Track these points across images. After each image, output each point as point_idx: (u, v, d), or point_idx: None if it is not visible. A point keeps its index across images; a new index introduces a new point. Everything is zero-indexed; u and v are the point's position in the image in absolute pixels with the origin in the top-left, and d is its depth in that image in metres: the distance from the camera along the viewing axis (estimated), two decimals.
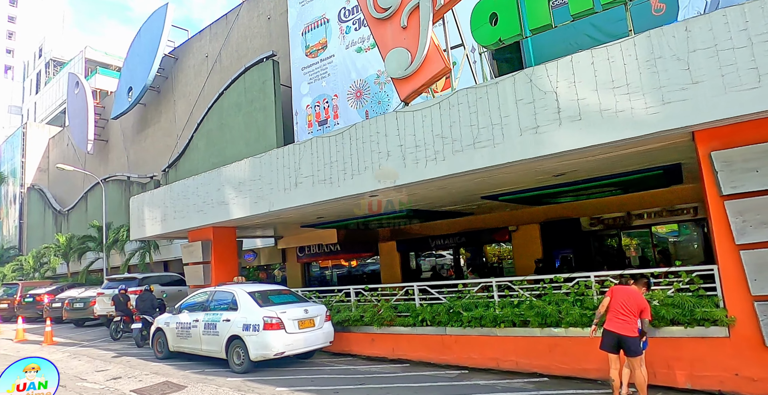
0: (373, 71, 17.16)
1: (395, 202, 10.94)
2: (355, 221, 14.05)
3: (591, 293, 7.56)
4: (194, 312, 9.61)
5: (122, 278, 15.75)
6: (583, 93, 6.89)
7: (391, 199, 10.40)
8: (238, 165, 11.07)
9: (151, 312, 12.08)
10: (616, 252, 15.77)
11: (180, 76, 27.61)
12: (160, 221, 13.11)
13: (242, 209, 10.86)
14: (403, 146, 8.39)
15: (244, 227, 13.24)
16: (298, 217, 12.04)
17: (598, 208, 14.93)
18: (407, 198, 10.48)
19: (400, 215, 13.38)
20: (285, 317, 8.33)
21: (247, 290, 9.03)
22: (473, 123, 7.70)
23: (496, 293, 8.38)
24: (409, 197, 10.38)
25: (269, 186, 10.30)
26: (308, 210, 10.73)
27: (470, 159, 7.69)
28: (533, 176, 9.10)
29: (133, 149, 30.19)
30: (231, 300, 8.97)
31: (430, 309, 8.75)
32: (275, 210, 10.20)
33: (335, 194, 9.19)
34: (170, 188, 13.00)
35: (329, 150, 9.35)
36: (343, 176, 9.07)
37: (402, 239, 18.78)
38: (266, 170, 10.38)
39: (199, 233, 12.75)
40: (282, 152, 10.14)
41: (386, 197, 9.88)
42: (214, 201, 11.54)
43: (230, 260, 12.98)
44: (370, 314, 9.29)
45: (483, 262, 17.86)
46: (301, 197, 9.71)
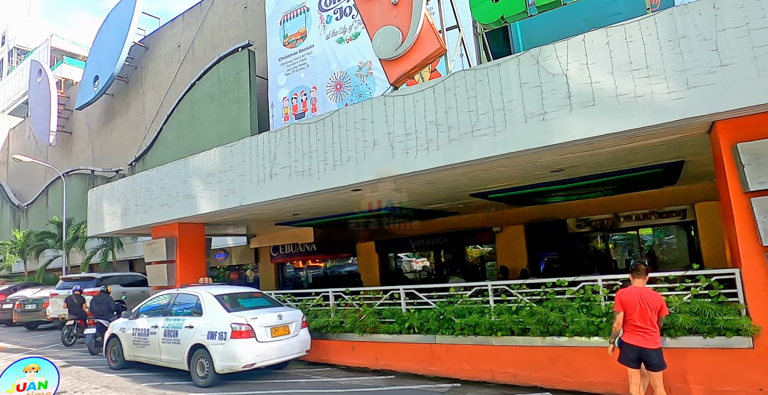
0: (355, 63, 16.25)
1: (378, 199, 10.07)
2: (333, 220, 13.11)
3: (599, 298, 6.80)
4: (153, 316, 8.53)
5: (79, 277, 14.42)
6: (597, 76, 6.13)
7: (375, 195, 9.52)
8: (206, 155, 10.03)
9: (107, 316, 10.90)
10: (602, 255, 15.22)
11: (150, 66, 26.19)
12: (120, 216, 11.92)
13: (211, 204, 9.82)
14: (391, 134, 7.52)
15: (213, 223, 12.16)
16: (273, 213, 11.05)
17: (585, 209, 14.35)
18: (392, 195, 9.61)
19: (382, 213, 12.50)
20: (256, 323, 7.34)
21: (214, 292, 8.00)
22: (471, 109, 6.88)
23: (491, 298, 7.57)
24: (394, 194, 9.52)
25: (241, 178, 9.29)
26: (284, 205, 9.77)
27: (468, 149, 6.86)
28: (531, 171, 8.34)
29: (99, 142, 28.55)
30: (195, 303, 7.93)
31: (418, 315, 7.88)
32: (247, 205, 9.20)
33: (315, 187, 8.25)
34: (132, 180, 11.83)
35: (309, 138, 8.41)
36: (324, 167, 8.14)
37: (381, 240, 17.90)
38: (238, 160, 9.37)
39: (164, 229, 11.63)
40: (256, 140, 9.15)
41: (370, 193, 8.98)
42: (180, 194, 10.45)
43: (197, 259, 11.88)
44: (351, 320, 8.38)
45: (464, 264, 17.11)
46: (276, 190, 8.74)
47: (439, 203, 12.10)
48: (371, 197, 9.79)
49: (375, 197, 9.84)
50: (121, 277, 15.22)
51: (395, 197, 10.12)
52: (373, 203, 10.80)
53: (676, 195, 12.84)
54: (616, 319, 5.12)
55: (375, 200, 10.28)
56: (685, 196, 12.82)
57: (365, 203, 10.64)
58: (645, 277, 5.31)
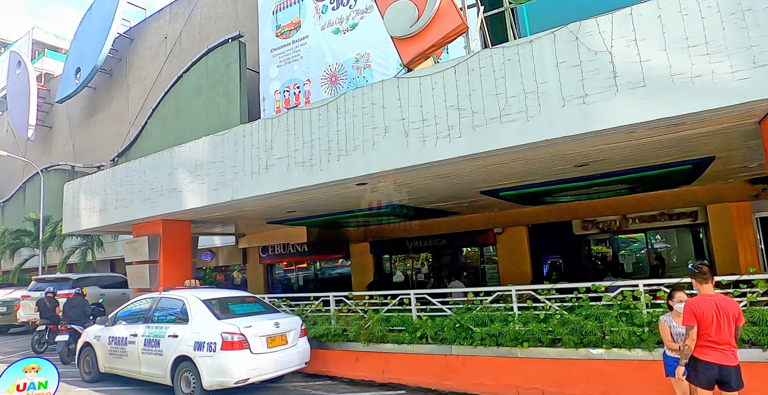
0: (352, 55, 15.35)
1: (381, 195, 9.18)
2: (329, 219, 12.19)
3: (640, 305, 6.00)
4: (133, 323, 7.51)
5: (53, 278, 13.26)
6: (648, 53, 5.33)
7: (379, 191, 8.63)
8: (194, 145, 9.04)
9: (82, 321, 9.82)
10: (608, 257, 14.52)
11: (135, 59, 24.98)
12: (98, 211, 10.85)
13: (199, 198, 8.84)
14: (406, 120, 6.64)
15: (200, 221, 11.16)
16: (266, 210, 10.09)
17: (592, 210, 13.63)
18: (397, 191, 8.73)
19: (381, 212, 11.61)
20: (250, 332, 6.39)
21: (202, 296, 7.02)
22: (499, 91, 6.04)
23: (515, 304, 6.73)
24: (400, 190, 8.65)
25: (233, 170, 8.33)
26: (279, 201, 8.83)
27: (495, 136, 6.02)
28: (554, 165, 7.52)
29: (80, 137, 27.21)
30: (180, 309, 6.93)
31: (432, 323, 7.01)
32: (240, 199, 8.24)
33: (316, 180, 7.33)
34: (112, 173, 10.78)
35: (310, 126, 7.49)
36: (328, 157, 7.23)
37: (376, 241, 16.98)
38: (230, 150, 8.42)
39: (146, 226, 10.60)
40: (250, 128, 8.20)
41: (376, 186, 8.09)
42: (164, 188, 9.45)
43: (183, 259, 10.86)
44: (355, 327, 7.46)
45: (463, 266, 16.27)
46: (272, 182, 7.80)
47: (444, 202, 11.25)
48: (374, 193, 8.90)
49: (378, 194, 8.95)
50: (100, 278, 14.08)
51: (400, 194, 9.24)
52: (374, 201, 9.92)
53: (687, 196, 12.19)
54: (689, 335, 4.26)
55: (378, 197, 9.40)
56: (696, 197, 12.18)
57: (366, 201, 9.75)
58: (712, 280, 4.49)
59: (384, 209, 11.13)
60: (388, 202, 10.38)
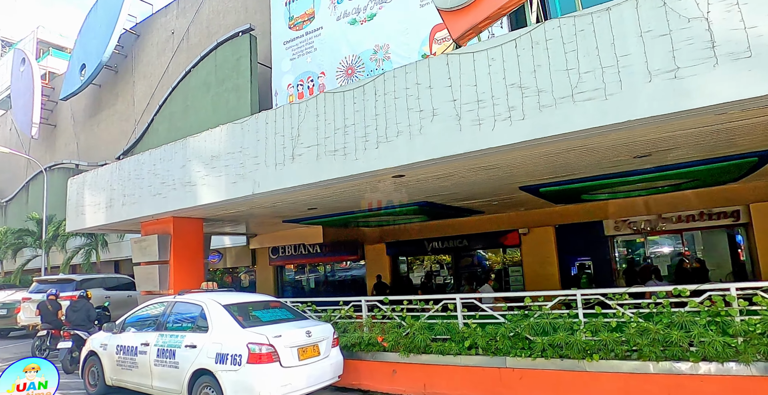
0: (370, 46, 14.55)
1: (415, 190, 8.33)
2: (348, 217, 11.34)
3: (733, 312, 5.16)
4: (143, 330, 6.64)
5: (55, 279, 12.40)
6: (754, 19, 4.50)
7: (413, 184, 7.79)
8: (211, 134, 8.20)
9: (86, 327, 8.96)
10: (640, 259, 13.65)
11: (141, 55, 24.19)
12: (104, 208, 10.01)
13: (215, 193, 7.99)
14: (457, 102, 5.81)
15: (213, 219, 10.31)
16: (285, 207, 9.24)
17: (625, 209, 12.80)
18: (434, 184, 7.89)
19: (407, 210, 10.78)
20: (280, 343, 5.53)
21: (223, 301, 6.16)
22: (570, 66, 5.20)
23: (581, 310, 5.88)
24: (436, 183, 7.80)
25: (254, 161, 7.49)
26: (301, 196, 7.97)
27: (565, 117, 5.18)
28: (613, 156, 6.69)
29: (84, 135, 26.39)
30: (198, 315, 6.06)
31: (483, 332, 6.16)
32: (261, 193, 7.38)
33: (351, 170, 6.49)
34: (119, 167, 9.94)
35: (344, 110, 6.66)
36: (364, 145, 6.39)
37: (393, 241, 16.13)
38: (250, 139, 7.57)
39: (156, 224, 9.76)
40: (274, 115, 7.36)
41: (412, 180, 7.25)
42: (176, 182, 8.61)
43: (194, 260, 10.02)
44: (393, 336, 6.59)
45: (489, 269, 15.39)
46: (299, 174, 6.95)
47: (475, 199, 10.40)
48: (406, 188, 8.06)
49: (411, 188, 8.11)
50: (104, 279, 13.22)
51: (433, 190, 8.40)
52: (403, 198, 9.08)
53: (730, 194, 11.38)
54: None
55: (409, 193, 8.56)
56: (739, 196, 11.37)
57: (396, 197, 8.92)
58: None
59: (410, 206, 10.30)
60: (417, 199, 9.55)
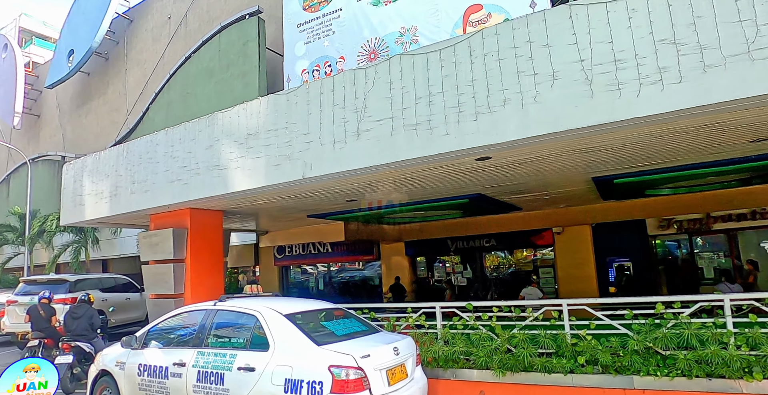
0: (395, 28, 13.24)
1: (481, 178, 7.07)
2: (388, 211, 10.00)
3: None
4: (175, 346, 5.15)
5: (46, 280, 10.75)
6: None
7: (490, 169, 6.52)
8: (246, 108, 6.79)
9: (89, 336, 7.42)
10: (684, 261, 12.63)
11: (134, 42, 22.47)
12: (108, 197, 8.50)
13: (252, 177, 6.58)
14: (585, 62, 4.55)
15: (233, 211, 8.89)
16: (324, 197, 7.87)
17: (671, 207, 11.75)
18: (511, 170, 6.64)
19: (452, 203, 9.48)
20: (369, 365, 4.13)
21: (282, 310, 4.70)
22: (745, 17, 3.98)
23: (730, 319, 4.67)
24: (519, 169, 6.55)
25: (304, 139, 6.12)
26: (356, 183, 6.66)
27: (741, 79, 3.96)
28: (732, 139, 5.53)
29: (71, 126, 24.50)
30: (254, 328, 4.56)
31: (603, 345, 4.91)
32: (314, 177, 6.01)
33: (439, 148, 5.17)
34: (127, 148, 8.43)
35: (427, 75, 5.35)
36: (457, 116, 5.09)
37: (413, 241, 14.84)
38: (300, 112, 6.20)
39: (169, 217, 8.30)
40: (331, 83, 6.01)
41: (501, 161, 5.98)
42: (201, 166, 7.17)
43: (214, 258, 8.58)
44: (486, 351, 5.29)
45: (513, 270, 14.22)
46: (367, 153, 5.62)
47: (531, 192, 9.14)
48: (477, 174, 6.78)
49: (482, 175, 6.84)
50: (101, 280, 11.61)
51: (505, 177, 7.14)
52: (463, 187, 7.81)
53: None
54: None
55: (475, 180, 7.28)
56: None
57: (456, 185, 7.63)
58: None
59: (459, 200, 9.04)
60: (473, 190, 8.30)
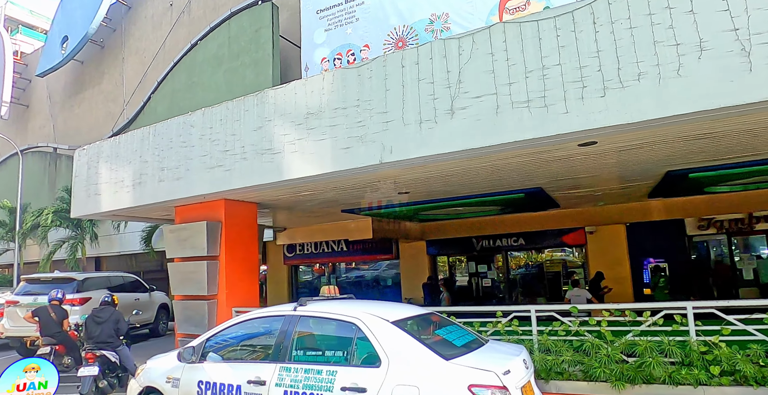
0: (425, 15, 12.48)
1: (558, 167, 6.34)
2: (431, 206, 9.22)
3: None
4: (246, 360, 4.22)
5: (50, 279, 9.66)
6: None
7: (578, 158, 5.80)
8: (305, 84, 5.92)
9: (113, 344, 6.42)
10: (720, 263, 12.09)
11: (133, 29, 21.31)
12: (130, 186, 7.53)
13: (316, 162, 5.70)
14: (741, 31, 3.80)
15: (268, 204, 8.01)
16: (377, 188, 7.08)
17: (711, 207, 11.21)
18: (601, 160, 5.91)
19: (502, 199, 8.75)
20: (510, 382, 3.26)
21: (387, 315, 3.80)
22: None
23: None
24: (610, 158, 5.83)
25: (381, 118, 5.29)
26: (435, 170, 5.86)
27: None
28: None
29: (63, 117, 23.16)
30: (355, 339, 3.67)
31: (740, 355, 4.18)
32: (393, 162, 5.18)
33: (555, 129, 4.39)
34: (154, 131, 7.47)
35: (539, 46, 4.56)
36: (580, 92, 4.31)
37: (436, 239, 14.08)
38: (376, 88, 5.37)
39: (198, 208, 7.38)
40: (416, 55, 5.19)
41: (607, 146, 5.23)
42: (248, 150, 6.28)
43: (249, 256, 7.68)
44: (602, 362, 4.51)
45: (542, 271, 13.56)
46: (463, 134, 4.81)
47: (589, 188, 8.46)
48: (560, 162, 6.05)
49: (563, 164, 6.11)
50: (109, 279, 10.53)
51: (583, 168, 6.42)
52: (530, 179, 7.08)
53: None
54: None
55: (549, 171, 6.55)
56: None
57: (527, 176, 6.90)
58: None
59: (514, 194, 8.31)
60: (537, 184, 7.57)
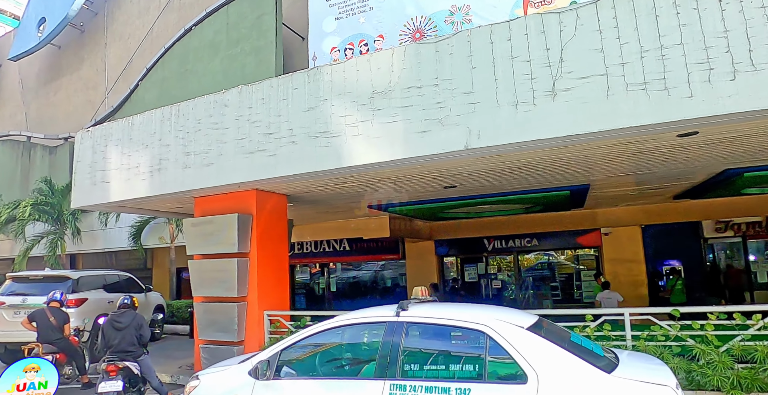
0: (444, 6, 11.93)
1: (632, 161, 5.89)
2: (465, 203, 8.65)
3: None
4: (339, 376, 3.54)
5: (41, 277, 8.57)
6: None
7: (663, 150, 5.35)
8: (370, 61, 5.23)
9: (135, 353, 5.49)
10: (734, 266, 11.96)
11: (117, 13, 20.07)
12: (148, 173, 6.65)
13: (385, 147, 4.99)
14: None
15: (299, 196, 7.27)
16: (420, 181, 6.47)
17: (731, 209, 11.05)
18: (686, 153, 5.48)
19: (548, 195, 8.25)
20: None
21: (518, 321, 3.17)
22: None
23: None
24: (695, 151, 5.40)
25: (467, 99, 4.65)
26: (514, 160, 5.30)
27: None
28: None
29: (37, 104, 21.63)
30: (487, 348, 2.99)
31: None
32: (483, 147, 4.58)
33: (678, 114, 3.87)
34: (177, 112, 6.60)
35: (655, 24, 4.05)
36: (706, 75, 3.80)
37: (445, 239, 13.53)
38: (457, 66, 4.75)
39: (224, 200, 6.59)
40: (507, 30, 4.59)
41: (704, 137, 4.77)
42: (296, 133, 5.53)
43: (280, 254, 6.93)
44: (716, 369, 4.01)
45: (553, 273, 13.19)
46: (567, 118, 4.25)
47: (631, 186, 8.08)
48: (637, 156, 5.59)
49: (645, 158, 5.66)
50: (105, 278, 9.51)
51: (660, 162, 5.98)
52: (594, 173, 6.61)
53: None
54: None
55: (623, 165, 6.09)
56: None
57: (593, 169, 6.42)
58: None
59: (559, 191, 7.84)
60: (590, 179, 7.11)
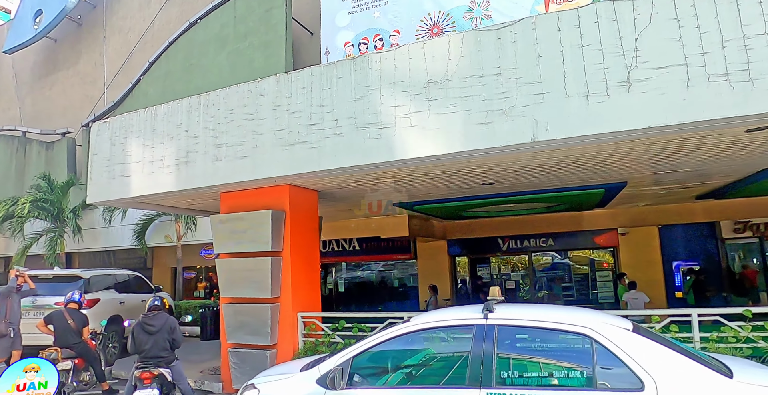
0: (463, 2, 11.70)
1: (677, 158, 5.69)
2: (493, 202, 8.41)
3: None
4: (423, 385, 3.15)
5: (51, 276, 8.11)
6: None
7: (725, 146, 5.15)
8: (423, 48, 4.95)
9: (168, 358, 5.08)
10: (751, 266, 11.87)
11: (116, 6, 19.56)
12: (173, 166, 6.28)
13: (442, 140, 4.65)
14: None
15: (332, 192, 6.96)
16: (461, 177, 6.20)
17: (749, 210, 10.95)
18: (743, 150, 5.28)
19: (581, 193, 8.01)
20: None
21: (621, 323, 2.94)
22: None
23: None
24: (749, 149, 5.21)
25: (533, 89, 4.38)
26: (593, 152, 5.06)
27: None
28: None
29: (32, 98, 21.03)
30: (593, 353, 2.74)
31: None
32: (552, 140, 4.31)
33: (756, 108, 3.67)
34: (207, 101, 6.21)
35: (737, 12, 3.80)
36: None
37: (458, 239, 13.29)
38: (522, 54, 4.46)
39: (253, 195, 6.26)
40: (575, 17, 4.32)
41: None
42: (343, 124, 5.20)
43: (312, 253, 6.61)
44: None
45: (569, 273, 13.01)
46: (643, 110, 3.99)
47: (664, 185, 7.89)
48: (702, 153, 5.38)
49: (702, 155, 5.45)
50: (115, 276, 9.10)
51: (713, 159, 5.78)
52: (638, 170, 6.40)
53: None
54: None
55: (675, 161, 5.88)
56: None
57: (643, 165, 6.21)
58: None
59: (594, 189, 7.63)
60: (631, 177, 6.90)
